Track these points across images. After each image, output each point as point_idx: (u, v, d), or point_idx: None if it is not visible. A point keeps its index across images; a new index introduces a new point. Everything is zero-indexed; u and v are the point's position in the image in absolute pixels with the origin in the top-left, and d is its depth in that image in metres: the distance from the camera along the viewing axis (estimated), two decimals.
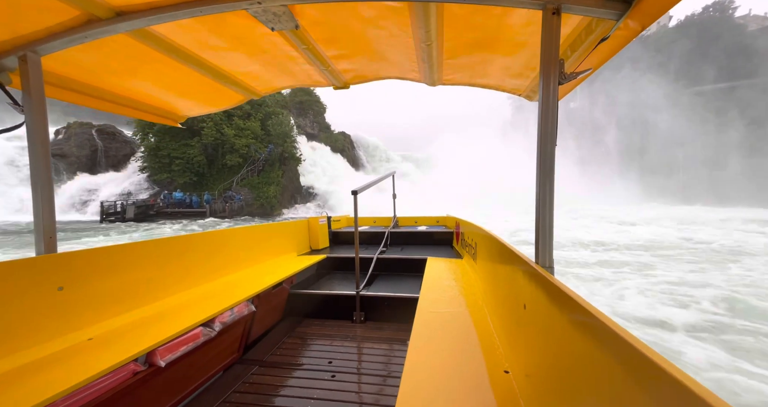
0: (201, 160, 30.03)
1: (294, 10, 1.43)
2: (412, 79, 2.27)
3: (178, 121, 2.58)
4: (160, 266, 1.91)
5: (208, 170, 31.05)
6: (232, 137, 30.18)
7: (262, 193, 29.77)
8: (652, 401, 0.50)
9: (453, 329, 1.54)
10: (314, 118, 49.91)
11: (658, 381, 0.49)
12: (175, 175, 29.58)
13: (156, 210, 26.31)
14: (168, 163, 29.33)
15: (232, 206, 26.65)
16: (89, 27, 1.37)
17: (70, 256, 1.50)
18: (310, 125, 48.86)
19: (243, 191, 29.42)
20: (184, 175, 29.65)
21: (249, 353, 2.20)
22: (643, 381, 0.52)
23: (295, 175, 34.86)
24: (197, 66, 1.88)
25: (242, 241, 2.69)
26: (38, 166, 1.52)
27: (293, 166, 34.47)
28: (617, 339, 0.59)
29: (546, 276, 0.98)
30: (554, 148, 1.20)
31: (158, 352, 1.41)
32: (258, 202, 29.30)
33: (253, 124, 31.82)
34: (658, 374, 0.49)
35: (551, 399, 0.86)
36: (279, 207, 30.85)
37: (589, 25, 1.32)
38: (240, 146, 30.37)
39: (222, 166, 31.00)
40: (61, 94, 1.81)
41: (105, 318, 1.58)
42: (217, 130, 29.75)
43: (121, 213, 24.41)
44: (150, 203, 26.99)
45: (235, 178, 30.31)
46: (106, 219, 23.95)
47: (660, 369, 0.48)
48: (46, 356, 1.29)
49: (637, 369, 0.54)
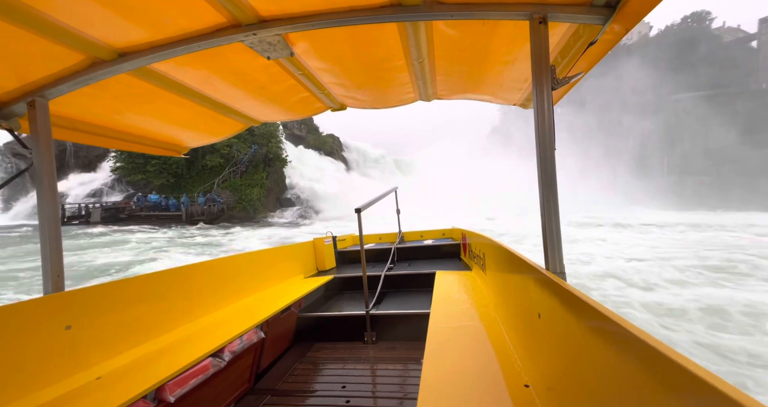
0: (179, 160, 28.22)
1: (288, 39, 1.47)
2: (408, 101, 2.29)
3: (182, 152, 2.61)
4: (166, 298, 1.89)
5: (186, 171, 29.25)
6: None
7: (244, 195, 28.15)
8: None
9: (467, 343, 1.51)
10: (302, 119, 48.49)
11: (692, 389, 0.46)
12: (150, 176, 27.65)
13: (128, 213, 24.34)
14: (143, 163, 27.38)
15: (211, 209, 24.86)
16: (94, 69, 1.41)
17: (78, 294, 1.50)
18: (297, 127, 47.62)
19: (224, 194, 27.73)
20: (160, 176, 27.76)
21: (260, 382, 2.16)
22: (677, 390, 0.48)
23: (280, 176, 33.30)
24: (198, 99, 1.91)
25: (247, 267, 2.65)
26: (46, 206, 1.55)
27: (279, 167, 32.95)
28: (642, 345, 0.55)
29: (559, 283, 0.96)
30: (554, 153, 1.21)
31: (167, 387, 1.39)
32: (240, 205, 27.64)
33: None
34: (691, 381, 0.46)
35: None
36: (263, 210, 29.23)
37: (577, 31, 1.35)
38: (221, 146, 28.73)
39: (202, 167, 29.27)
40: (68, 135, 1.84)
41: (113, 355, 1.57)
42: None
43: (85, 216, 22.33)
44: (122, 206, 24.99)
45: (216, 179, 28.61)
46: (68, 223, 21.84)
47: (694, 376, 0.45)
48: (55, 398, 1.27)
49: (667, 377, 0.50)
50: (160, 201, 25.50)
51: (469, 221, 21.40)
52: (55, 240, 1.56)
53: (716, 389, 0.42)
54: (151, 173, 27.48)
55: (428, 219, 11.89)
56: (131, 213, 24.46)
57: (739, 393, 0.40)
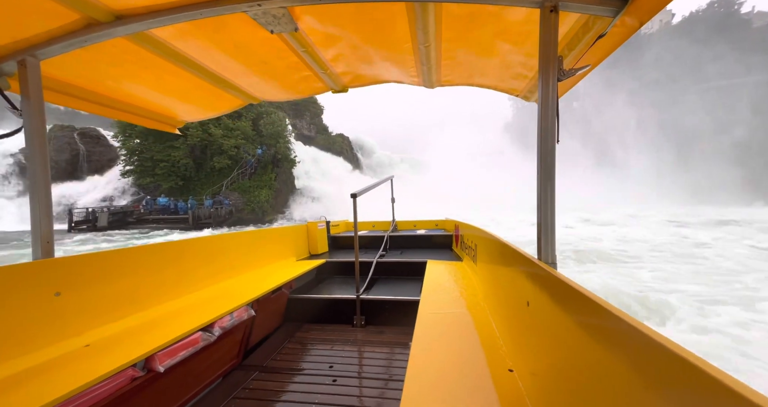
0: (187, 162, 27.87)
1: (293, 13, 1.42)
2: (410, 82, 2.26)
3: (176, 127, 2.55)
4: (158, 271, 1.89)
5: (195, 174, 28.87)
6: (220, 138, 28.04)
7: (253, 197, 27.54)
8: (675, 398, 0.46)
9: (455, 330, 1.54)
10: (311, 119, 48.19)
11: (681, 374, 0.45)
12: (159, 179, 27.37)
13: (136, 217, 24.03)
14: (151, 166, 27.12)
15: (218, 212, 24.32)
16: (89, 31, 1.35)
17: (68, 261, 1.48)
18: (307, 127, 47.18)
19: (233, 196, 27.22)
20: (169, 179, 27.44)
21: (249, 358, 2.17)
22: (662, 375, 0.48)
23: (289, 177, 32.65)
24: (197, 71, 1.85)
25: (240, 246, 2.66)
26: (36, 170, 1.51)
27: (287, 168, 32.30)
28: (633, 333, 0.55)
29: (550, 272, 0.97)
30: (555, 145, 1.20)
31: (157, 357, 1.38)
32: (249, 207, 27.07)
33: (243, 124, 29.72)
34: (680, 366, 0.45)
35: (559, 397, 0.84)
36: (272, 212, 28.60)
37: (587, 22, 1.32)
38: (228, 147, 28.23)
39: (210, 169, 28.85)
40: (60, 99, 1.78)
41: (102, 323, 1.56)
42: (203, 131, 27.63)
43: (92, 221, 22.07)
44: (132, 209, 24.73)
45: (224, 181, 28.15)
46: (75, 228, 21.58)
47: (683, 361, 0.44)
48: (42, 362, 1.27)
49: (653, 363, 0.50)
50: (168, 204, 25.12)
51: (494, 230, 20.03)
52: (45, 206, 1.52)
53: (712, 377, 0.41)
54: (159, 176, 27.19)
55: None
56: (140, 217, 24.14)
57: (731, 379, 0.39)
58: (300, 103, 45.41)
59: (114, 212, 23.18)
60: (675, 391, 0.46)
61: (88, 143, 33.35)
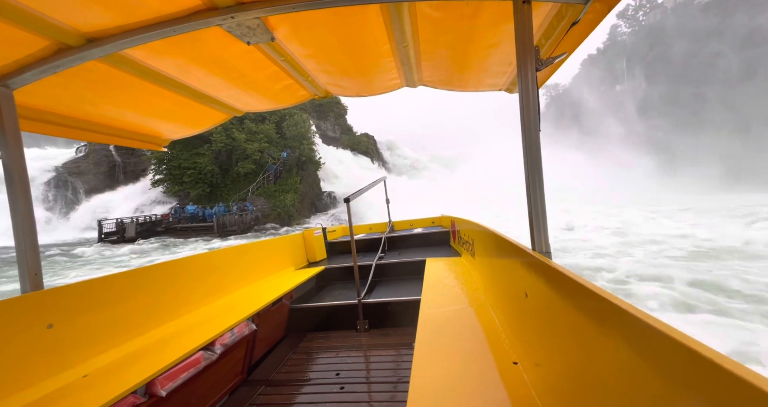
0: (213, 169, 27.50)
1: (268, 23, 1.42)
2: (394, 87, 2.26)
3: (162, 145, 2.50)
4: (153, 293, 1.87)
5: (221, 180, 28.50)
6: (244, 142, 27.39)
7: (278, 202, 26.58)
8: (678, 383, 0.46)
9: (457, 326, 1.54)
10: (335, 120, 47.23)
11: (679, 357, 0.45)
12: (187, 186, 27.23)
13: (165, 226, 23.81)
14: (179, 174, 27.01)
15: (243, 219, 23.45)
16: (60, 56, 1.33)
17: (58, 292, 1.47)
18: (331, 128, 46.31)
19: (258, 201, 26.42)
20: (196, 186, 27.21)
21: (254, 373, 2.15)
22: (662, 359, 0.48)
23: (314, 180, 31.51)
24: (177, 88, 1.83)
25: (236, 260, 2.62)
26: (17, 203, 1.48)
27: (312, 170, 31.17)
28: (629, 318, 0.56)
29: (544, 261, 0.98)
30: (538, 134, 1.21)
31: (158, 381, 1.37)
32: (275, 212, 26.13)
33: (266, 127, 28.94)
34: (685, 355, 0.44)
35: (564, 386, 0.84)
36: (298, 216, 27.50)
37: (560, 11, 1.33)
38: (252, 151, 27.51)
39: (236, 174, 28.33)
40: (38, 127, 1.73)
41: (99, 352, 1.54)
42: (227, 136, 27.09)
43: (120, 232, 21.95)
44: (160, 218, 24.62)
45: (250, 187, 27.47)
46: (105, 239, 21.55)
47: (688, 350, 0.44)
48: (40, 398, 1.25)
49: (652, 347, 0.50)
50: (197, 212, 24.76)
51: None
52: (30, 237, 1.49)
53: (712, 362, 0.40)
54: (187, 184, 27.02)
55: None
56: (168, 226, 23.91)
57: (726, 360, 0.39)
58: (324, 104, 44.54)
59: (142, 223, 22.98)
60: (676, 373, 0.46)
61: (123, 155, 34.34)
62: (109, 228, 22.13)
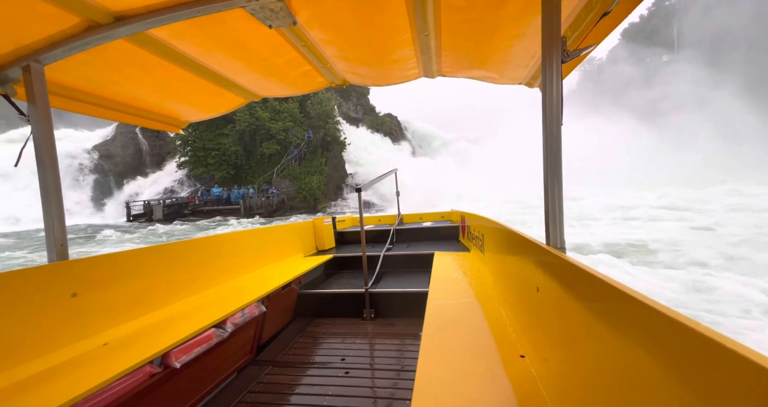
0: (237, 150, 26.75)
1: (291, 7, 1.41)
2: (411, 78, 2.26)
3: (179, 127, 2.56)
4: (169, 271, 1.92)
5: (246, 161, 27.77)
6: (268, 121, 26.30)
7: (304, 184, 25.61)
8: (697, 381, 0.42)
9: (465, 319, 1.55)
10: (357, 100, 45.36)
11: (703, 355, 0.41)
12: (211, 168, 26.69)
13: (192, 208, 23.45)
14: (204, 155, 26.47)
15: (269, 201, 22.66)
16: (90, 33, 1.36)
17: (83, 263, 1.52)
18: (353, 109, 44.55)
19: (283, 183, 25.53)
20: (221, 168, 26.62)
21: (262, 354, 2.19)
22: (682, 357, 0.45)
23: (339, 162, 30.23)
24: (197, 70, 1.84)
25: (248, 244, 2.70)
26: (46, 175, 1.54)
27: (338, 151, 29.85)
28: (651, 313, 0.52)
29: (559, 256, 0.97)
30: (560, 129, 1.19)
31: (173, 354, 1.41)
32: (300, 195, 25.22)
33: (290, 106, 27.67)
34: (702, 346, 0.41)
35: (572, 381, 0.84)
36: (324, 199, 26.49)
37: (589, 2, 1.30)
38: (277, 131, 26.44)
39: (261, 155, 27.48)
40: (66, 104, 1.79)
41: (119, 323, 1.59)
42: (251, 115, 26.06)
43: (148, 214, 21.68)
44: (188, 200, 24.28)
45: (275, 169, 26.60)
46: (133, 221, 21.37)
47: (707, 339, 0.41)
48: (62, 362, 1.30)
49: (671, 343, 0.47)
50: (222, 194, 24.23)
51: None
52: (57, 208, 1.54)
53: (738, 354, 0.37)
54: (212, 165, 26.45)
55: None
56: (195, 208, 23.54)
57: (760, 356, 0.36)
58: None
59: (169, 205, 22.64)
60: (697, 373, 0.42)
61: (149, 138, 34.23)
62: (137, 211, 21.92)
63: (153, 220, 21.42)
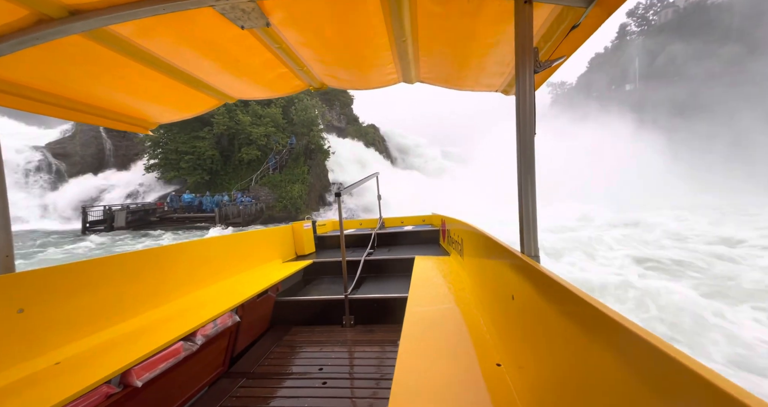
0: (213, 154, 25.13)
1: (263, 7, 1.35)
2: (390, 82, 2.23)
3: (148, 128, 2.40)
4: (133, 281, 1.82)
5: (222, 167, 26.13)
6: (248, 125, 25.01)
7: (285, 192, 24.34)
8: (655, 389, 0.47)
9: (443, 326, 1.53)
10: (341, 109, 44.86)
11: (660, 367, 0.46)
12: (184, 173, 24.82)
13: (159, 215, 21.46)
14: (176, 159, 24.56)
15: (248, 210, 21.22)
16: (40, 27, 1.25)
17: (30, 275, 1.43)
18: (337, 118, 43.93)
19: (263, 191, 24.17)
20: (194, 173, 24.81)
21: (235, 365, 2.10)
22: (645, 367, 0.49)
23: (323, 171, 29.26)
24: (166, 70, 1.74)
25: (223, 250, 2.61)
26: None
27: (321, 160, 28.91)
28: (613, 325, 0.56)
29: (532, 265, 0.98)
30: (533, 137, 1.20)
31: (134, 372, 1.34)
32: (281, 204, 23.92)
33: (273, 111, 26.58)
34: (658, 358, 0.46)
35: (545, 389, 0.85)
36: (306, 209, 25.32)
37: (561, 13, 1.32)
38: (258, 136, 25.18)
39: (239, 161, 25.98)
40: (15, 102, 1.62)
41: (73, 339, 1.49)
42: (230, 118, 24.69)
43: (109, 221, 19.48)
44: (155, 207, 22.24)
45: (253, 175, 25.19)
46: (89, 228, 19.01)
47: (668, 358, 0.45)
48: (7, 384, 1.22)
49: (634, 353, 0.51)
50: (193, 200, 22.41)
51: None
52: (2, 218, 1.47)
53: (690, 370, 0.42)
54: (184, 170, 24.59)
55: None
56: (163, 215, 21.56)
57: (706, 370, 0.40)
58: (329, 92, 42.13)
59: (134, 211, 20.57)
60: (656, 380, 0.46)
61: (114, 137, 31.61)
62: (95, 217, 19.59)
63: (114, 228, 19.23)
